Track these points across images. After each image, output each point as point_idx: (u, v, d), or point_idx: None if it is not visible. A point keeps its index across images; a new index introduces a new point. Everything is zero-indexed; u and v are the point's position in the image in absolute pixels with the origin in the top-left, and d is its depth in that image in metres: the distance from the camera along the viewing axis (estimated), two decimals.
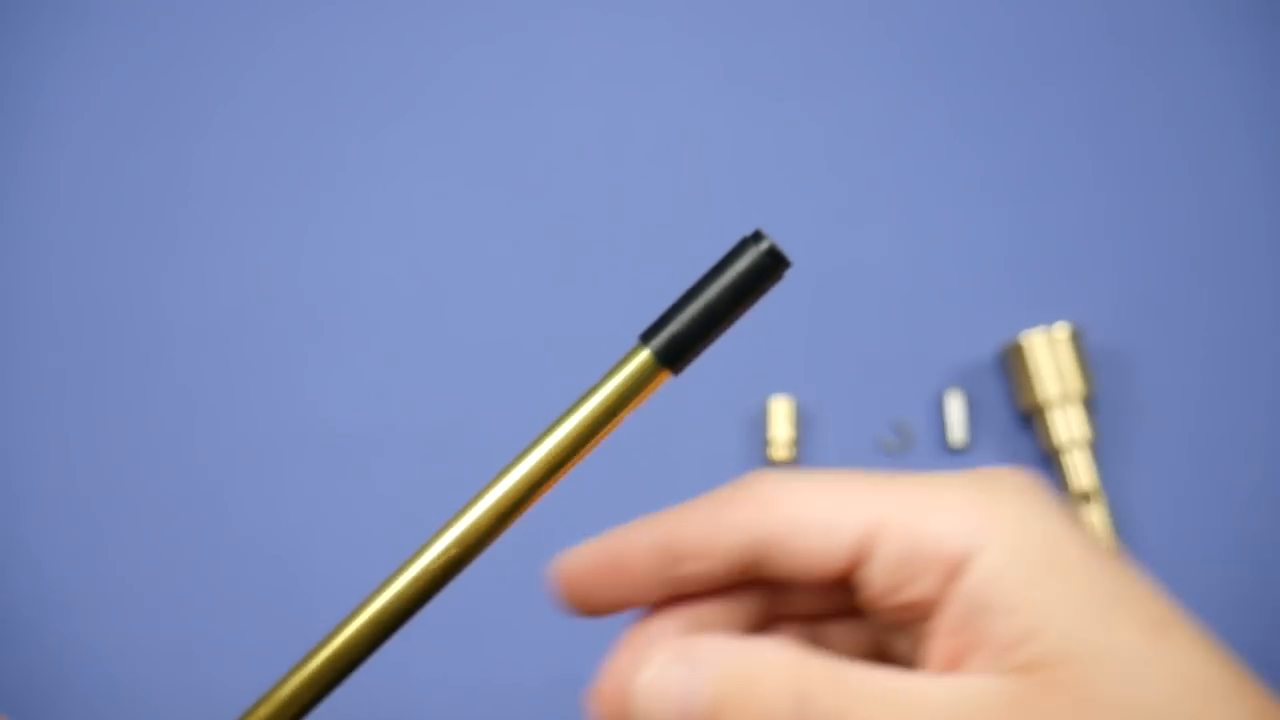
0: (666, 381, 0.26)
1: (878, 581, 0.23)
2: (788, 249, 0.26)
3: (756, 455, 0.56)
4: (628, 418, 0.26)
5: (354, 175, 0.63)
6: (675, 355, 0.25)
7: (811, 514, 0.23)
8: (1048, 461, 0.54)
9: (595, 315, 0.59)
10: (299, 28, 0.67)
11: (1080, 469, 0.52)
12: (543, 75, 0.65)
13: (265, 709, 0.25)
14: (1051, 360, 0.52)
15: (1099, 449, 0.54)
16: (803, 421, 0.56)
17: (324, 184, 0.63)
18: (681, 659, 0.23)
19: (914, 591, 0.22)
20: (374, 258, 0.61)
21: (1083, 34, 0.64)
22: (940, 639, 0.22)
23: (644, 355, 0.25)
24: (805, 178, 0.61)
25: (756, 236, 0.25)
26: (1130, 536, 0.53)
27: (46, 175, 0.64)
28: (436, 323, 0.59)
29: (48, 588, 0.55)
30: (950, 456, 0.55)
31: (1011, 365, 0.54)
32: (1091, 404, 0.54)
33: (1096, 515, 0.51)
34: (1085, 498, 0.52)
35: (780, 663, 0.22)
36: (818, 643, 0.26)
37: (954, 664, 0.22)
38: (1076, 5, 0.64)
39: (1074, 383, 0.52)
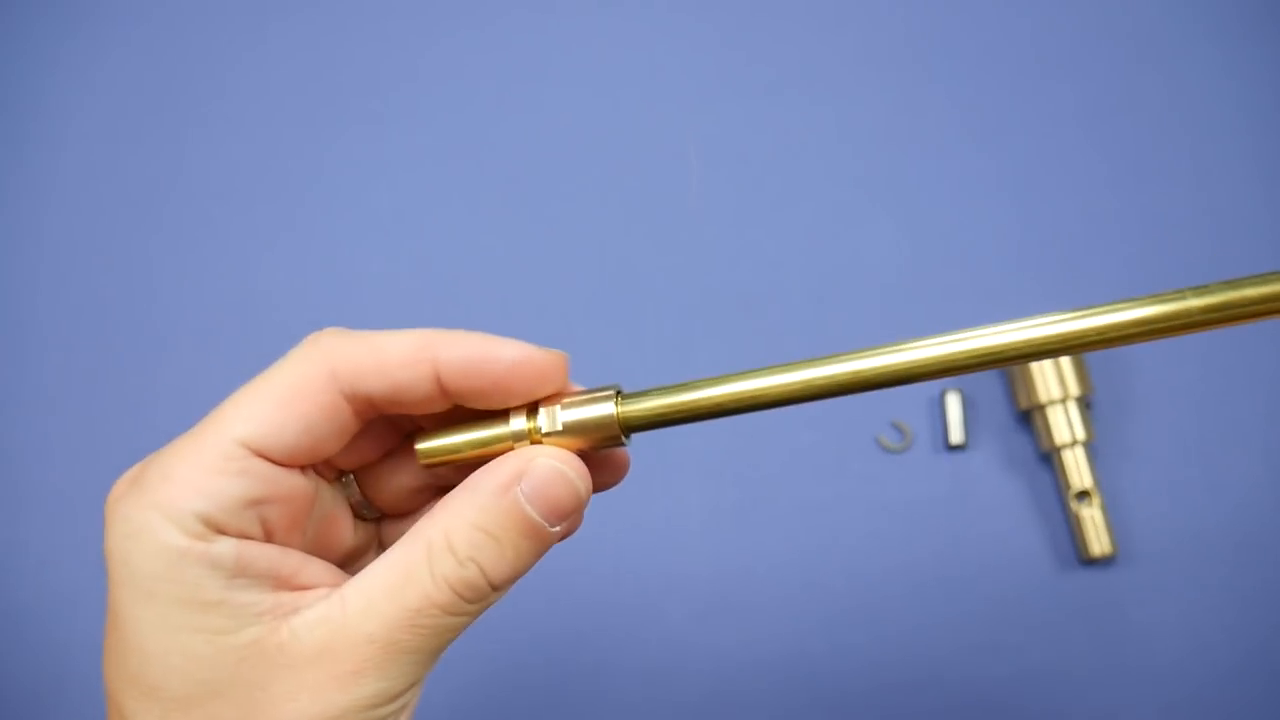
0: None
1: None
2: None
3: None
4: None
5: (354, 172, 0.63)
6: None
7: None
8: (1046, 461, 0.54)
9: (592, 312, 0.59)
10: (296, 26, 0.67)
11: (1078, 468, 0.52)
12: (541, 71, 0.65)
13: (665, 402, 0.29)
14: (1050, 360, 0.52)
15: (1097, 448, 0.54)
16: (802, 421, 0.56)
17: (324, 180, 0.63)
18: None
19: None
20: (373, 252, 0.61)
21: (1084, 34, 0.64)
22: None
23: None
24: (806, 175, 0.61)
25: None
26: (1128, 535, 0.53)
27: (47, 175, 0.64)
28: (434, 317, 0.59)
29: (49, 586, 0.55)
30: (949, 456, 0.55)
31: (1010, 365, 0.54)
32: (1089, 404, 0.54)
33: (1095, 514, 0.51)
34: (1083, 496, 0.52)
35: None
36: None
37: None
38: (1078, 5, 0.64)
39: (1072, 383, 0.52)
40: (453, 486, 0.29)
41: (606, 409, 0.29)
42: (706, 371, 0.29)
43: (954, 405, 0.55)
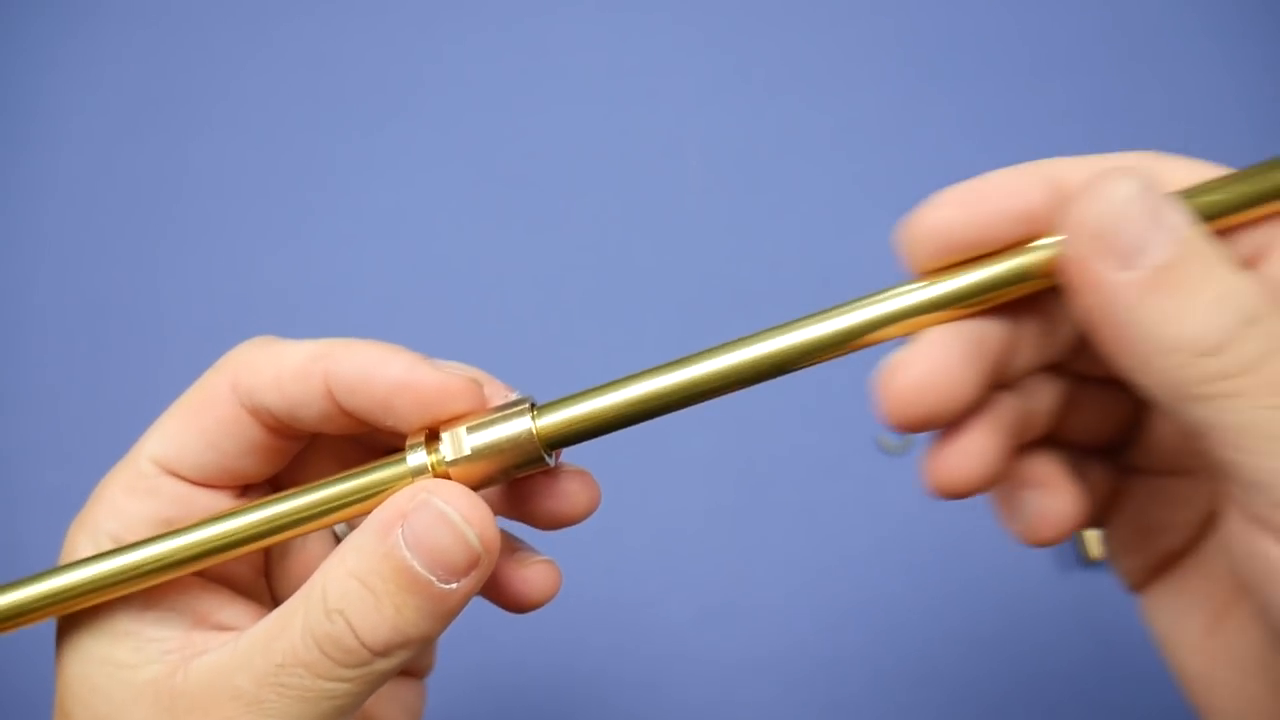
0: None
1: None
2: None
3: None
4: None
5: (354, 172, 0.63)
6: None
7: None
8: None
9: (591, 312, 0.59)
10: (296, 26, 0.67)
11: None
12: (543, 71, 0.65)
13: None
14: None
15: None
16: (801, 422, 0.56)
17: (324, 180, 0.63)
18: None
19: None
20: (374, 254, 0.61)
21: (1084, 33, 0.64)
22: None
23: None
24: (806, 175, 0.61)
25: None
26: None
27: (47, 175, 0.64)
28: (435, 319, 0.59)
29: None
30: None
31: None
32: None
33: None
34: None
35: None
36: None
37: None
38: (1078, 5, 0.64)
39: None
40: None
41: (521, 425, 0.24)
42: None
43: None
